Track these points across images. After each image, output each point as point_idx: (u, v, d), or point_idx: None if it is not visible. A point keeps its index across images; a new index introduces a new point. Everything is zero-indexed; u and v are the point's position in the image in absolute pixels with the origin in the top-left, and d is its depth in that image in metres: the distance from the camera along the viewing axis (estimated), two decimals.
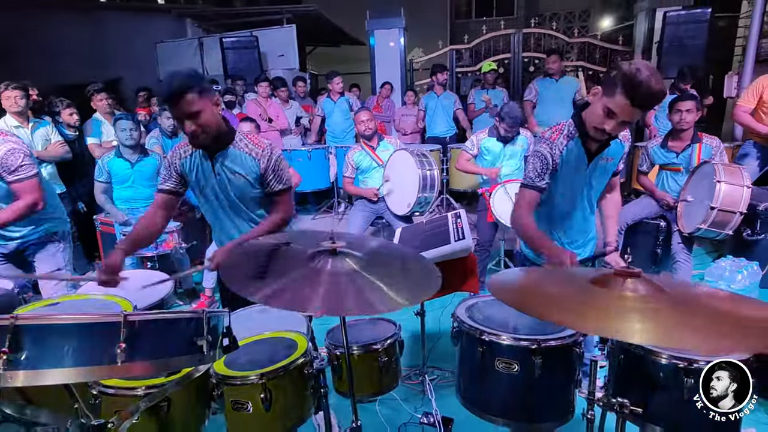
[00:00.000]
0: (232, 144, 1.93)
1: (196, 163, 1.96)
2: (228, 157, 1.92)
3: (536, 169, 1.85)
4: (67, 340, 0.88)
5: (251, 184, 1.96)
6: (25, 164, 2.36)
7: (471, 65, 7.26)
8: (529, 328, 1.58)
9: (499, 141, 3.65)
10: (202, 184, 1.98)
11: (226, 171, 1.93)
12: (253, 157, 1.94)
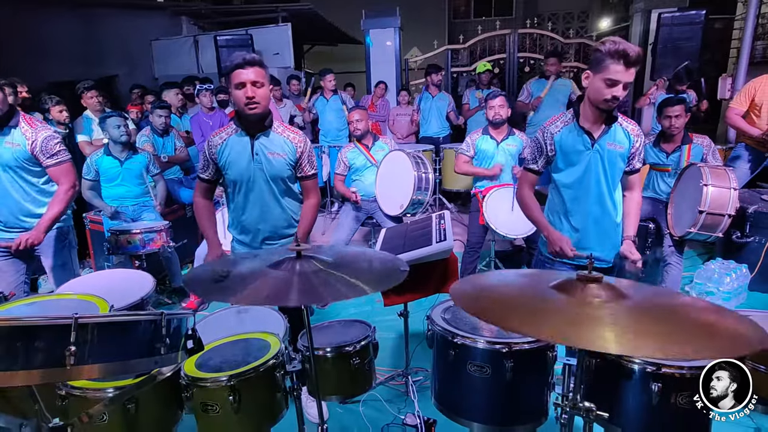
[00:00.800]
0: (272, 128, 2.10)
1: (235, 145, 2.09)
2: (268, 138, 2.09)
3: (531, 153, 2.11)
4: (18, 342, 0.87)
5: (288, 165, 2.12)
6: (62, 149, 2.54)
7: (467, 65, 7.24)
8: (501, 332, 1.57)
9: (492, 138, 3.64)
10: (237, 167, 2.10)
11: (265, 151, 2.08)
12: (291, 141, 2.12)
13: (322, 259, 1.20)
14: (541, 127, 2.09)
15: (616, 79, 1.76)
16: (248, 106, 1.96)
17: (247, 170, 2.11)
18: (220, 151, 2.12)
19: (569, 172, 2.05)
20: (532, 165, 2.11)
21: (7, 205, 2.51)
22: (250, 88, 1.93)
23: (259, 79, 1.95)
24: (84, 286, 2.19)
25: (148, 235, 3.40)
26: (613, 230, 2.11)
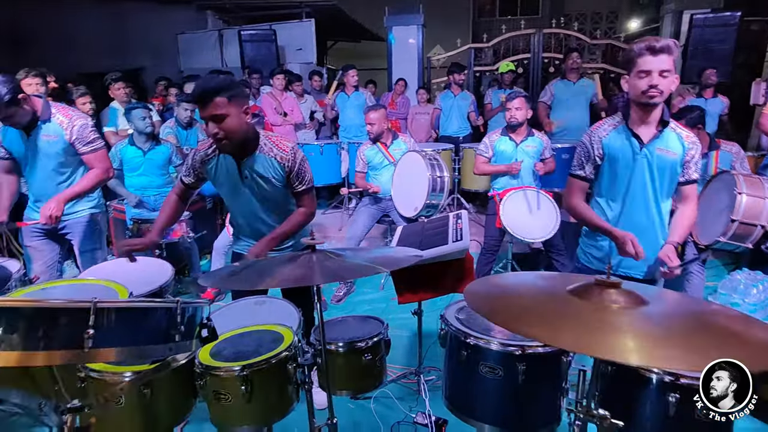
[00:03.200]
0: (258, 149, 1.97)
1: (222, 165, 2.00)
2: (255, 161, 1.96)
3: (578, 158, 2.04)
4: (39, 324, 0.89)
5: (278, 186, 2.02)
6: (97, 137, 2.62)
7: (491, 64, 7.16)
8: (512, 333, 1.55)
9: (511, 140, 3.59)
10: (228, 186, 2.03)
11: (254, 175, 1.97)
12: (278, 161, 1.98)
13: (336, 251, 1.21)
14: (587, 132, 2.03)
15: (647, 68, 1.75)
16: (215, 144, 1.88)
17: (236, 190, 2.03)
18: (209, 169, 2.03)
19: (614, 178, 1.98)
20: (578, 171, 2.04)
21: (47, 195, 2.57)
22: (211, 126, 1.78)
23: (220, 112, 1.75)
24: (105, 272, 2.24)
25: None
26: (657, 243, 1.99)
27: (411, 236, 2.46)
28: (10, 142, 2.52)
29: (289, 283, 1.06)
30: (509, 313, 0.93)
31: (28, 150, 2.51)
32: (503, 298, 1.00)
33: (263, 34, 6.61)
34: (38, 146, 2.49)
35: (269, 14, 7.62)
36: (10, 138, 2.51)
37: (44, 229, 2.68)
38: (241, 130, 1.85)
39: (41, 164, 2.54)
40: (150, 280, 2.31)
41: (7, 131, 2.51)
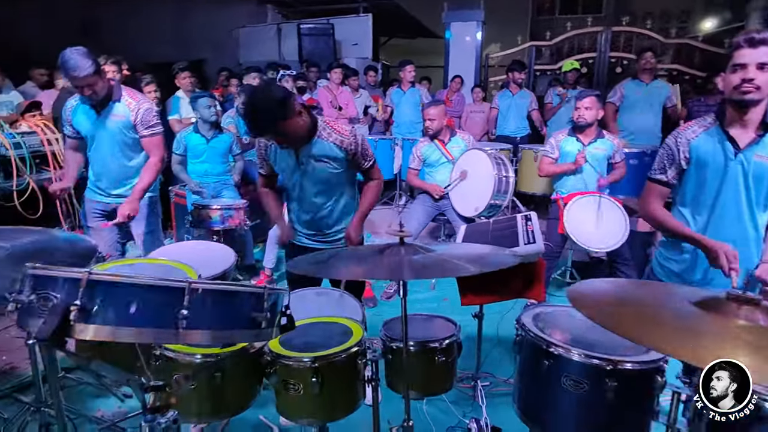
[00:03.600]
0: (317, 135, 2.00)
1: (280, 153, 2.07)
2: (313, 147, 2.01)
3: (660, 160, 1.86)
4: (135, 300, 0.88)
5: (336, 168, 2.06)
6: (157, 122, 2.72)
7: (551, 63, 6.90)
8: (603, 346, 1.43)
9: (578, 141, 3.41)
10: (287, 171, 2.10)
11: (311, 160, 2.02)
12: (338, 145, 2.03)
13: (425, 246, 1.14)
14: (673, 133, 1.85)
15: (743, 61, 1.60)
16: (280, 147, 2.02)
17: (294, 177, 2.09)
18: (270, 153, 2.13)
19: (701, 186, 1.79)
20: (659, 175, 1.86)
21: (108, 174, 2.71)
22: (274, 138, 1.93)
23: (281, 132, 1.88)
24: (173, 254, 2.28)
25: (228, 212, 3.52)
26: (751, 262, 1.78)
27: (476, 235, 2.37)
28: (79, 122, 2.64)
29: (377, 276, 1.01)
30: (629, 322, 0.83)
31: (95, 129, 2.62)
32: (623, 308, 0.90)
33: (322, 28, 6.66)
34: (106, 125, 2.60)
35: (327, 9, 7.68)
36: (80, 118, 2.63)
37: (105, 211, 2.80)
38: (300, 128, 1.93)
39: (106, 143, 2.64)
40: (214, 264, 2.34)
41: (77, 111, 2.63)
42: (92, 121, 2.60)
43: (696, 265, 1.85)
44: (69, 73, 2.36)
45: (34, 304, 0.87)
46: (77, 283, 0.85)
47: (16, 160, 3.36)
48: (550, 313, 1.64)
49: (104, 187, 2.77)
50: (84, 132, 2.65)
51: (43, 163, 3.58)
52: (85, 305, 0.85)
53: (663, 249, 2.03)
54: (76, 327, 0.85)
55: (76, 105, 2.63)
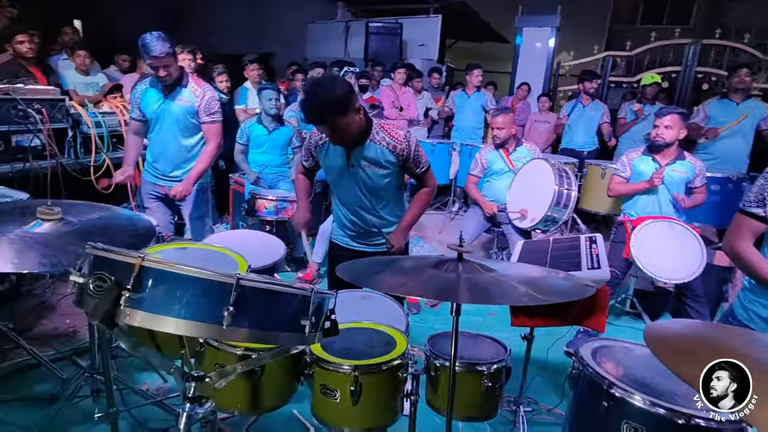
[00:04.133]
0: (369, 138, 1.96)
1: (332, 152, 2.04)
2: (365, 150, 1.96)
3: (759, 192, 1.57)
4: (183, 290, 0.87)
5: (387, 174, 2.01)
6: (218, 110, 2.83)
7: (627, 75, 6.48)
8: (672, 394, 1.28)
9: (654, 161, 3.15)
10: (335, 172, 2.07)
11: (362, 163, 1.98)
12: (391, 150, 1.97)
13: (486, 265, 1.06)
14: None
15: None
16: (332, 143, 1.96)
17: (342, 178, 2.06)
18: (320, 151, 2.10)
19: None
20: (755, 208, 1.58)
21: (166, 156, 2.83)
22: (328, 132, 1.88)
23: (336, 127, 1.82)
24: (227, 241, 2.31)
25: (282, 204, 3.58)
26: None
27: (534, 254, 2.23)
28: (147, 105, 2.76)
29: (429, 295, 0.94)
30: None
31: (160, 111, 2.73)
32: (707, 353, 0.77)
33: (390, 27, 6.65)
34: (171, 108, 2.72)
35: (397, 8, 7.66)
36: (148, 100, 2.75)
37: (160, 194, 2.93)
38: (356, 127, 1.88)
39: (168, 125, 2.75)
40: (265, 255, 2.36)
41: (146, 94, 2.76)
42: (159, 104, 2.72)
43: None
44: (149, 53, 2.49)
45: (90, 284, 0.88)
46: (131, 267, 0.85)
47: (96, 138, 3.58)
48: (612, 349, 1.49)
49: (161, 170, 2.89)
50: (149, 114, 2.77)
51: (119, 143, 3.80)
52: (135, 290, 0.85)
53: (750, 292, 1.80)
54: (124, 311, 0.84)
55: (145, 88, 2.77)
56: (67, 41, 4.58)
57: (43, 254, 1.20)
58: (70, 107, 3.44)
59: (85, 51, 4.38)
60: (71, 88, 4.28)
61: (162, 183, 2.90)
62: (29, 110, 3.06)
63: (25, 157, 3.11)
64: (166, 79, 2.61)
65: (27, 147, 3.12)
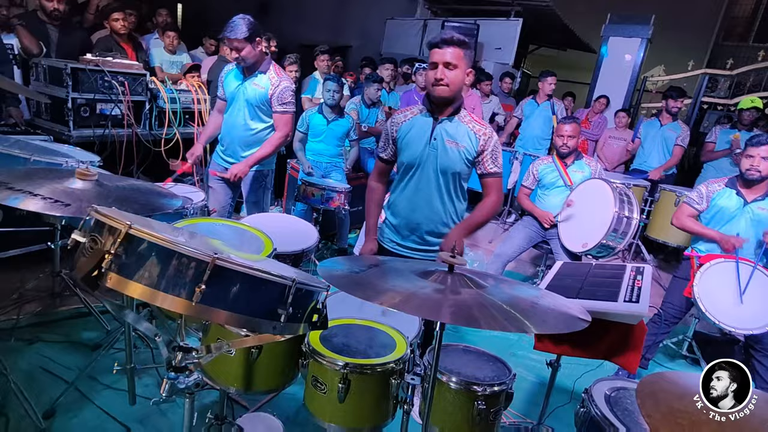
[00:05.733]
0: (458, 116, 1.96)
1: (417, 124, 2.01)
2: (451, 124, 1.95)
3: None
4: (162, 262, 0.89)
5: (463, 158, 1.96)
6: (291, 101, 2.86)
7: (726, 98, 5.85)
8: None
9: (739, 196, 2.80)
10: (413, 147, 1.99)
11: (444, 136, 1.95)
12: (475, 133, 1.96)
13: (476, 280, 0.98)
14: None
15: None
16: (434, 86, 1.86)
17: (420, 154, 1.97)
18: (402, 129, 2.03)
19: None
20: None
21: (232, 136, 2.91)
22: (441, 70, 1.83)
23: (453, 61, 1.81)
24: (262, 222, 2.38)
25: (330, 194, 3.63)
26: None
27: (570, 277, 2.06)
28: (228, 84, 2.87)
29: (406, 309, 0.88)
30: None
31: (236, 92, 2.82)
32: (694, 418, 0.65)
33: (466, 27, 6.50)
34: (246, 90, 2.79)
35: (478, 9, 7.47)
36: (229, 80, 2.86)
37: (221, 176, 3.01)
38: (459, 87, 1.90)
39: (240, 106, 2.83)
40: (296, 241, 2.41)
41: (230, 74, 2.87)
42: (236, 86, 2.82)
43: None
44: (225, 32, 2.61)
45: (85, 242, 0.93)
46: (116, 232, 0.88)
47: (170, 112, 3.85)
48: (630, 393, 1.34)
49: (226, 152, 2.98)
50: (227, 94, 2.88)
51: (191, 119, 4.06)
52: (119, 256, 0.88)
53: None
54: (107, 275, 0.88)
55: (230, 70, 2.89)
56: (161, 22, 4.96)
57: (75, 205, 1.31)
58: (150, 82, 3.71)
59: (175, 33, 4.72)
60: (157, 64, 4.63)
61: (224, 164, 2.97)
62: (113, 82, 3.35)
63: (106, 124, 3.40)
64: (240, 62, 2.70)
65: (108, 115, 3.42)
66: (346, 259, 1.28)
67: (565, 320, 0.92)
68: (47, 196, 1.28)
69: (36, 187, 1.32)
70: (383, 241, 2.20)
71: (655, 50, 6.20)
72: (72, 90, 3.19)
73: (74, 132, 3.27)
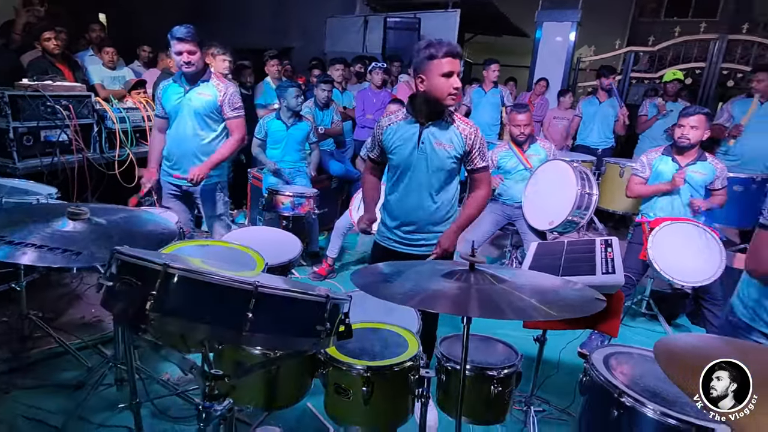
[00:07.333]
0: (443, 117, 2.01)
1: (403, 128, 2.05)
2: (438, 127, 2.01)
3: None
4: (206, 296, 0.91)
5: (451, 158, 2.03)
6: (242, 105, 2.88)
7: (650, 71, 6.34)
8: (682, 403, 1.28)
9: (674, 162, 3.10)
10: (402, 151, 2.05)
11: (432, 140, 2.00)
12: (461, 133, 2.02)
13: (498, 275, 1.07)
14: None
15: None
16: (450, 96, 1.91)
17: (410, 158, 2.05)
18: (387, 134, 2.09)
19: None
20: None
21: (183, 150, 2.84)
22: (457, 79, 1.89)
23: (458, 70, 1.91)
24: (245, 239, 2.36)
25: (299, 200, 3.63)
26: None
27: (548, 257, 2.23)
28: (167, 98, 2.79)
29: (439, 309, 0.96)
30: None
31: (180, 105, 2.76)
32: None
33: (408, 22, 6.61)
34: (191, 101, 2.74)
35: (415, 2, 7.60)
36: (168, 94, 2.79)
37: (178, 192, 2.95)
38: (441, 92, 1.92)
39: (187, 118, 2.78)
40: (282, 252, 2.41)
41: (168, 89, 2.79)
42: (178, 98, 2.75)
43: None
44: (175, 35, 2.55)
45: (117, 287, 0.93)
46: (156, 274, 0.89)
47: (120, 133, 3.68)
48: (625, 356, 1.50)
49: (175, 166, 2.88)
50: (168, 109, 2.80)
51: (143, 137, 3.89)
52: (160, 296, 0.89)
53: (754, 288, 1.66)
54: (150, 316, 0.89)
55: (168, 84, 2.82)
56: (95, 38, 4.69)
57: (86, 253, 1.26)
58: (95, 103, 3.53)
59: (113, 48, 4.48)
60: (98, 82, 4.39)
61: (175, 182, 2.90)
62: (57, 106, 3.16)
63: (53, 152, 3.21)
64: (189, 68, 2.63)
65: (55, 142, 3.22)
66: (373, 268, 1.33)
67: (585, 304, 1.03)
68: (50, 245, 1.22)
69: (27, 235, 1.26)
70: (381, 240, 2.29)
71: (584, 32, 6.61)
72: (12, 119, 2.98)
73: (20, 164, 3.06)
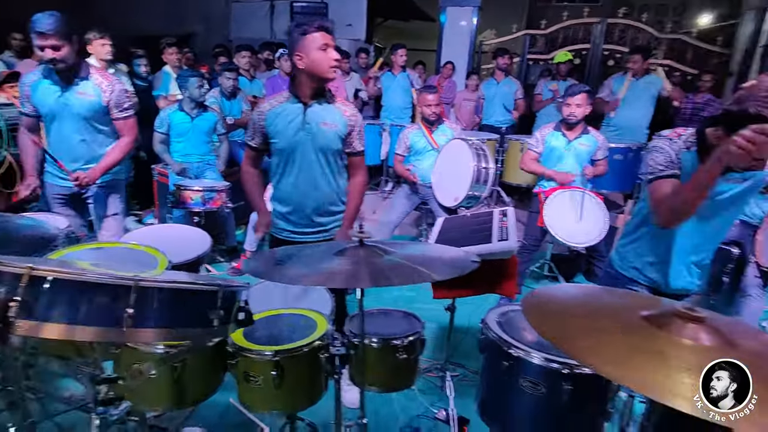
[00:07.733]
0: (326, 98, 2.03)
1: (287, 111, 2.01)
2: (321, 106, 2.02)
3: (663, 161, 1.63)
4: (78, 297, 0.87)
5: (338, 138, 2.05)
6: (131, 105, 2.67)
7: (545, 53, 6.83)
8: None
9: (564, 136, 3.41)
10: (287, 134, 2.01)
11: (317, 120, 2.00)
12: (343, 113, 2.05)
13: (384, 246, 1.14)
14: (664, 139, 1.68)
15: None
16: (333, 69, 1.91)
17: (295, 139, 2.00)
18: (269, 118, 2.02)
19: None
20: (670, 170, 1.62)
21: (69, 153, 2.56)
22: (334, 52, 1.90)
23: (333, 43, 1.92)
24: (147, 238, 2.24)
25: (210, 194, 3.49)
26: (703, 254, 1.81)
27: (452, 230, 2.37)
28: (39, 99, 2.46)
29: (334, 284, 1.00)
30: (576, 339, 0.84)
31: (58, 107, 2.45)
32: (568, 318, 0.90)
33: (315, 6, 6.52)
34: (71, 103, 2.45)
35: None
36: (40, 94, 2.45)
37: (67, 196, 2.67)
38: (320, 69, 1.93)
39: (70, 122, 2.49)
40: (189, 249, 2.32)
41: (38, 86, 2.45)
42: (55, 98, 2.44)
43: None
44: (34, 28, 2.22)
45: None
46: (19, 278, 0.84)
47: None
48: (517, 313, 1.65)
49: (64, 174, 2.56)
50: (45, 110, 2.47)
51: None
52: (26, 301, 0.84)
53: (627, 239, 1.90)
54: (16, 323, 0.83)
55: (37, 80, 2.44)
56: None
57: None
58: None
59: None
60: None
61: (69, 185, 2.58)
62: None
63: None
64: (56, 65, 2.32)
65: None
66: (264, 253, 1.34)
67: (461, 264, 1.13)
68: None
69: None
70: (276, 233, 2.25)
71: (487, 17, 6.94)
72: None
73: None
